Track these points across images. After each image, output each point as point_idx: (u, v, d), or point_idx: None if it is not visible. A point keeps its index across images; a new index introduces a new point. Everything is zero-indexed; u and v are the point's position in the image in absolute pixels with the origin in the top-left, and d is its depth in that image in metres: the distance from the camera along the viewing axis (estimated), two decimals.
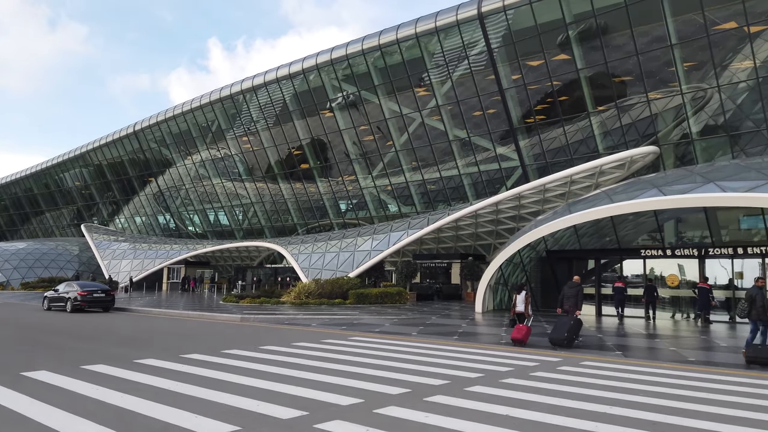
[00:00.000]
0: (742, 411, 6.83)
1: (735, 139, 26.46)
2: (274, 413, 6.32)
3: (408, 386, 7.90)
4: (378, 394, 7.43)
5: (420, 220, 32.45)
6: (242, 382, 8.02)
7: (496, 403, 6.97)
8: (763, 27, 24.89)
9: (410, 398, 7.19)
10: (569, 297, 14.14)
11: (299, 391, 7.47)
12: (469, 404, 6.90)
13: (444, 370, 9.25)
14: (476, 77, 32.66)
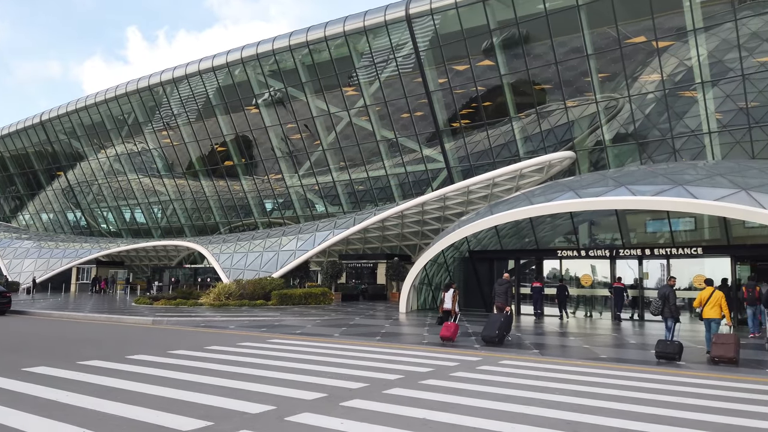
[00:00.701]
0: (653, 408, 7.02)
1: (643, 146, 28.04)
2: (174, 424, 5.81)
3: (324, 390, 7.58)
4: (292, 399, 7.06)
5: (346, 220, 32.17)
6: (142, 390, 7.40)
7: (414, 406, 6.79)
8: (669, 42, 26.54)
9: (326, 403, 6.88)
10: (500, 294, 14.38)
11: (206, 399, 6.97)
12: (386, 408, 6.68)
13: (364, 373, 9.00)
14: (404, 79, 32.81)
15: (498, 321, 13.21)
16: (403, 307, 22.75)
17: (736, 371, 9.96)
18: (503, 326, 13.16)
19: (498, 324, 13.10)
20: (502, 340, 13.11)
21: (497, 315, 13.66)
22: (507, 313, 13.85)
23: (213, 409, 6.51)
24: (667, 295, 12.27)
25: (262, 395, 7.26)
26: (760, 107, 24.97)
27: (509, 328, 13.50)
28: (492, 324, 13.22)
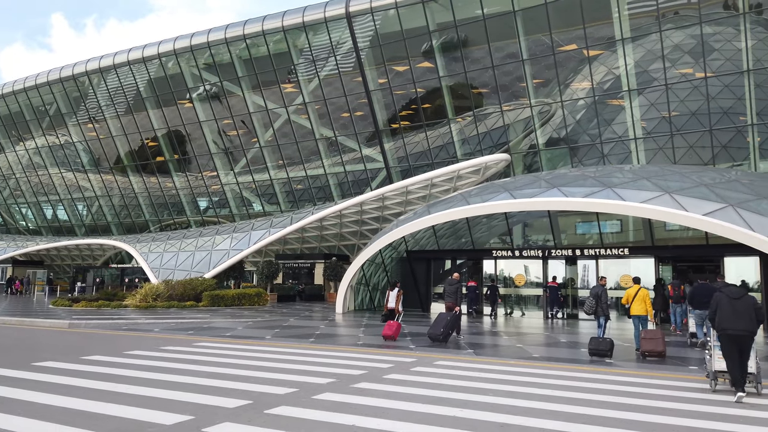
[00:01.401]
0: (585, 408, 7.02)
1: (574, 151, 28.96)
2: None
3: (249, 397, 7.14)
4: (212, 408, 6.59)
5: (283, 219, 31.47)
6: (46, 401, 6.70)
7: (343, 412, 6.49)
8: (599, 51, 27.57)
9: (249, 411, 6.46)
10: (450, 294, 14.56)
11: (116, 410, 6.39)
12: (314, 415, 6.35)
13: (294, 377, 8.61)
14: (344, 77, 32.50)
15: (444, 320, 13.34)
16: (340, 308, 22.42)
17: (664, 369, 10.26)
18: (449, 325, 13.30)
19: (444, 323, 13.23)
20: (447, 338, 13.23)
21: (445, 314, 13.76)
22: (456, 312, 13.98)
23: (123, 421, 5.96)
24: (600, 294, 12.63)
25: (180, 404, 6.75)
26: (681, 116, 26.27)
27: (456, 327, 13.64)
28: (438, 323, 13.35)
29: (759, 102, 24.70)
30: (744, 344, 7.77)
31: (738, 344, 7.72)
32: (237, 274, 31.65)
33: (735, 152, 25.73)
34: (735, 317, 7.74)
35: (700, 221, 15.47)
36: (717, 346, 8.18)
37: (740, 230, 14.74)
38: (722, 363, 8.04)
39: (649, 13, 25.77)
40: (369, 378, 8.64)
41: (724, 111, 25.52)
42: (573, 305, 22.96)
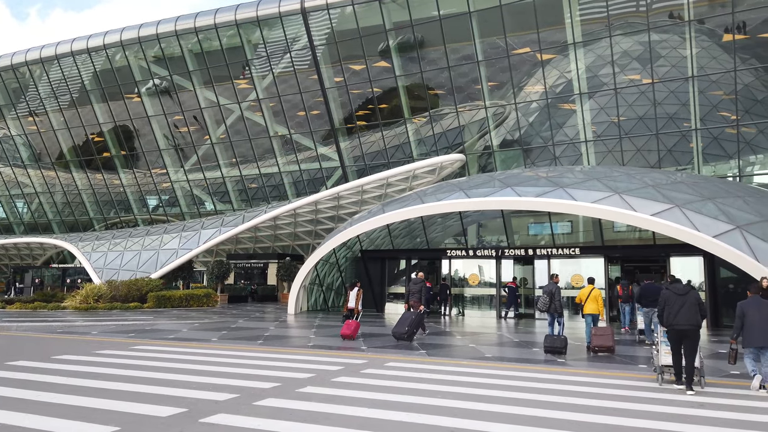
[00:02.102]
0: (535, 409, 6.86)
1: (527, 152, 29.35)
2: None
3: (185, 405, 6.67)
4: (143, 417, 6.10)
5: (235, 218, 30.64)
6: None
7: (285, 419, 6.12)
8: (552, 55, 28.04)
9: (183, 420, 6.01)
10: (414, 293, 14.81)
11: (35, 421, 5.82)
12: (253, 423, 5.95)
13: (237, 382, 8.16)
14: (299, 75, 32.02)
15: (409, 318, 13.58)
16: (292, 309, 21.89)
17: (614, 367, 10.29)
18: (414, 324, 13.56)
19: (409, 321, 13.48)
20: (412, 337, 13.46)
21: (409, 313, 14.01)
22: (420, 311, 14.18)
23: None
24: (554, 292, 12.93)
25: (109, 413, 6.23)
26: (629, 120, 26.96)
27: (420, 325, 13.92)
28: (403, 321, 13.58)
29: (702, 108, 25.55)
30: (691, 337, 8.03)
31: (685, 338, 8.01)
32: (186, 274, 30.62)
33: (679, 156, 26.54)
34: (682, 312, 8.03)
35: (648, 221, 15.77)
36: (664, 341, 8.40)
37: (686, 230, 15.08)
38: (668, 358, 8.31)
39: (600, 19, 26.33)
40: (316, 382, 8.28)
41: (669, 116, 26.30)
42: (526, 305, 23.19)
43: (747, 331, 8.11)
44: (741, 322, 8.19)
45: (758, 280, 13.85)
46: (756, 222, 15.31)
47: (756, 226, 15.12)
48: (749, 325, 8.09)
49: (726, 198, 16.46)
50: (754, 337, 8.03)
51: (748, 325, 8.10)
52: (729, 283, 18.70)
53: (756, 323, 8.02)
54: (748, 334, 8.09)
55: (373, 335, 14.65)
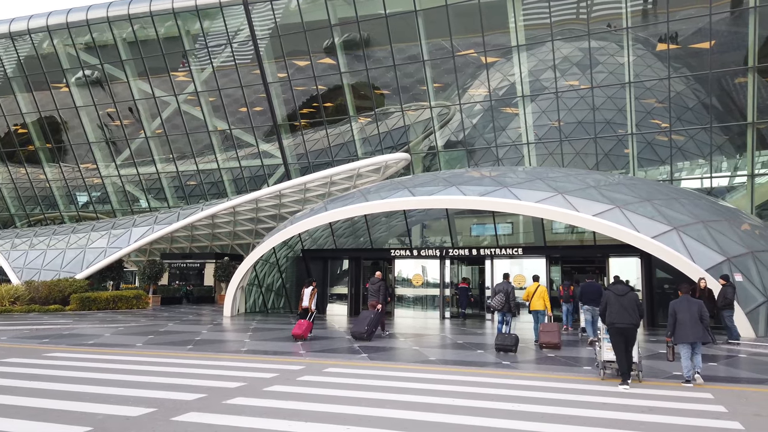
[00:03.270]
0: (476, 418, 6.48)
1: (471, 153, 29.53)
2: None
3: (91, 422, 5.85)
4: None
5: (169, 215, 29.18)
6: None
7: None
8: (496, 58, 28.33)
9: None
10: (373, 292, 14.97)
11: None
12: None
13: (157, 393, 7.37)
14: (241, 69, 31.01)
15: (368, 317, 13.78)
16: (228, 311, 20.87)
17: (560, 369, 10.10)
18: (373, 323, 13.79)
19: (368, 320, 13.68)
20: (372, 336, 13.74)
21: (368, 312, 14.19)
22: (379, 310, 14.35)
23: None
24: (509, 291, 13.10)
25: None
26: (569, 124, 27.53)
27: (379, 324, 14.20)
28: (362, 320, 13.80)
29: (638, 114, 26.35)
30: (630, 335, 8.51)
31: (625, 336, 8.48)
32: (115, 274, 28.90)
33: (616, 160, 27.26)
34: (622, 312, 8.53)
35: (591, 222, 15.86)
36: (606, 338, 8.92)
37: (627, 231, 15.25)
38: (610, 354, 8.84)
39: (543, 25, 26.79)
40: (246, 391, 7.59)
41: (607, 121, 26.98)
42: (469, 305, 23.12)
43: (678, 329, 8.62)
44: (673, 320, 8.70)
45: (690, 280, 14.22)
46: (691, 223, 15.68)
47: (691, 228, 15.48)
48: (680, 323, 8.60)
49: (662, 199, 16.81)
50: (684, 334, 8.54)
51: (679, 323, 8.61)
52: (664, 284, 19.18)
53: (686, 321, 8.55)
54: (680, 331, 8.60)
55: (313, 338, 14.00)
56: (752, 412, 6.56)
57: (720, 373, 9.83)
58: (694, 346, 8.60)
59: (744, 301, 14.10)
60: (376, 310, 14.17)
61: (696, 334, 8.48)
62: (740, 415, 6.42)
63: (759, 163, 24.83)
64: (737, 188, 25.41)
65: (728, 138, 25.90)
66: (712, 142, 25.47)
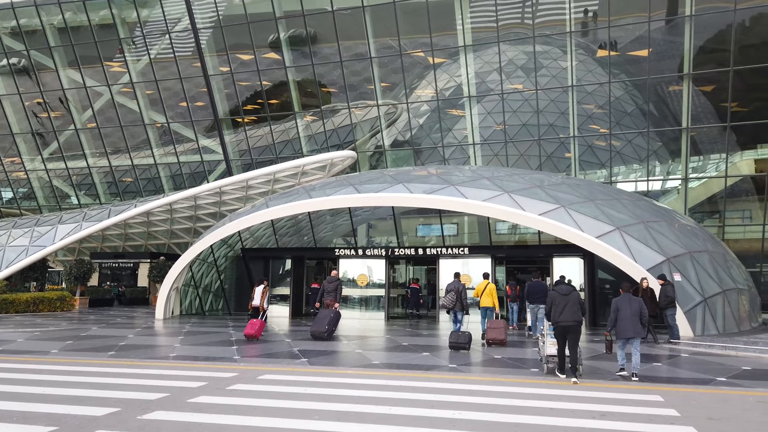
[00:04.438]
0: (415, 429, 5.99)
1: (418, 153, 29.40)
2: None
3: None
4: None
5: (100, 212, 27.47)
6: None
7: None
8: (443, 59, 28.37)
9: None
10: (329, 291, 14.83)
11: None
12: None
13: (64, 408, 6.47)
14: (181, 61, 29.86)
15: (328, 317, 13.72)
16: (161, 313, 19.62)
17: (506, 372, 9.77)
18: (333, 322, 13.74)
19: (328, 319, 13.62)
20: (332, 335, 13.75)
21: (327, 311, 14.10)
22: (336, 309, 14.32)
23: None
24: (461, 290, 13.31)
25: None
26: (513, 126, 27.80)
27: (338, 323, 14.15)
28: (321, 320, 13.69)
29: (579, 117, 26.87)
30: (573, 332, 8.89)
31: (569, 333, 8.89)
32: (38, 275, 26.93)
33: (558, 162, 27.71)
34: (566, 310, 8.94)
35: (537, 221, 15.76)
36: (550, 334, 9.35)
37: (572, 230, 15.22)
38: (553, 349, 9.26)
39: (489, 27, 26.98)
40: (167, 404, 6.80)
41: (550, 124, 27.39)
42: (414, 305, 22.82)
43: (619, 324, 9.13)
44: (615, 316, 9.21)
45: (632, 279, 14.34)
46: (633, 224, 15.84)
47: (633, 228, 15.63)
48: (621, 319, 9.11)
49: (604, 200, 16.94)
50: (624, 329, 9.06)
51: (620, 319, 9.12)
52: (605, 284, 19.42)
53: (626, 317, 9.06)
54: (620, 327, 9.12)
55: (249, 342, 13.20)
56: (704, 416, 6.37)
57: (666, 373, 9.79)
58: (632, 342, 9.11)
59: (682, 301, 14.31)
60: (334, 310, 14.12)
61: (635, 329, 9.01)
62: (693, 419, 6.21)
63: (691, 168, 25.78)
64: (671, 191, 26.28)
65: (663, 143, 26.75)
66: (648, 147, 26.23)
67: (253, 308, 14.48)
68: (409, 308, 22.17)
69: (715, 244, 18.48)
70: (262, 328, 13.39)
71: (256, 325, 13.25)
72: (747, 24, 24.56)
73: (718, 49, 24.95)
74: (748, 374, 9.27)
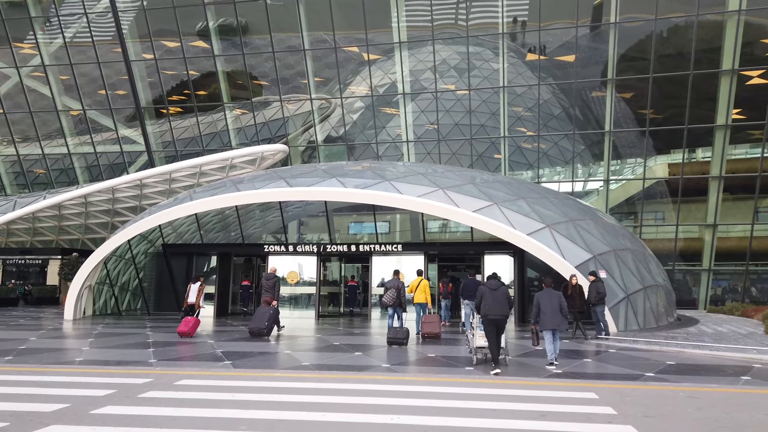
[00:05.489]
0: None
1: (352, 149, 29.08)
2: None
3: None
4: None
5: (5, 203, 25.27)
6: None
7: None
8: (378, 56, 28.22)
9: None
10: (267, 289, 14.79)
11: None
12: None
13: None
14: (100, 45, 28.05)
15: (267, 313, 13.65)
16: (70, 313, 18.07)
17: (441, 371, 9.50)
18: (272, 319, 13.65)
19: (267, 316, 13.56)
20: (270, 332, 13.66)
21: (266, 308, 13.98)
22: (275, 306, 14.28)
23: None
24: (400, 288, 13.52)
25: None
26: (446, 125, 28.02)
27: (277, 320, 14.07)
28: (260, 316, 13.59)
29: (510, 118, 27.42)
30: (500, 325, 9.38)
31: (496, 325, 9.32)
32: None
33: (489, 162, 28.17)
34: (494, 304, 9.34)
35: (471, 218, 15.68)
36: (480, 327, 9.76)
37: (505, 228, 15.25)
38: (482, 341, 9.76)
39: (424, 27, 27.07)
40: (66, 416, 5.98)
41: (481, 124, 27.80)
42: (346, 303, 22.42)
43: (541, 317, 9.73)
44: (537, 309, 9.81)
45: (559, 275, 14.58)
46: (562, 222, 16.11)
47: (561, 226, 15.90)
48: (543, 312, 9.70)
49: (534, 198, 17.16)
50: (546, 321, 9.67)
51: (542, 312, 9.71)
52: (534, 282, 19.75)
53: (547, 311, 9.65)
54: (542, 320, 9.72)
55: (169, 344, 12.29)
56: (640, 413, 6.32)
57: (597, 369, 9.87)
58: (554, 332, 9.71)
59: (607, 297, 14.68)
60: (272, 306, 14.11)
61: (555, 322, 9.63)
62: (630, 417, 6.14)
63: (611, 170, 26.92)
64: (592, 193, 27.32)
65: (587, 146, 27.77)
66: (574, 149, 27.13)
67: (189, 305, 14.34)
68: (347, 306, 22.10)
69: (636, 242, 19.21)
70: (196, 326, 13.32)
71: (190, 322, 13.14)
72: (665, 35, 25.87)
73: (638, 57, 26.15)
74: (673, 369, 9.48)
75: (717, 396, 7.35)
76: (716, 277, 26.39)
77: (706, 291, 25.81)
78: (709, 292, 25.87)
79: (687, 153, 26.00)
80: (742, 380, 8.50)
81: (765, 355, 10.63)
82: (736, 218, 25.84)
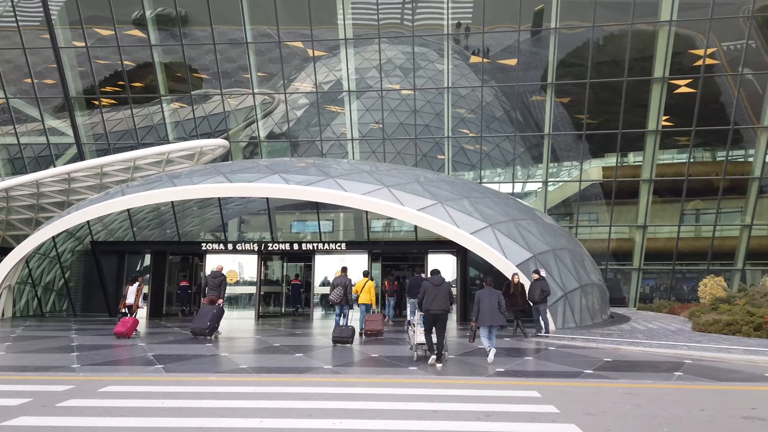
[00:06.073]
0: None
1: (295, 146, 28.63)
2: None
3: None
4: None
5: None
6: None
7: None
8: (323, 53, 27.92)
9: None
10: (213, 287, 14.60)
11: None
12: None
13: None
14: (26, 30, 26.53)
15: (210, 313, 13.40)
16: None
17: (385, 372, 9.32)
18: (215, 318, 13.41)
19: (210, 316, 13.31)
20: (213, 332, 13.39)
21: (209, 307, 13.77)
22: (220, 305, 14.07)
23: None
24: (347, 285, 13.75)
25: None
26: (391, 124, 28.05)
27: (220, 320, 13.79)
28: (203, 316, 13.35)
29: (453, 119, 27.73)
30: (441, 320, 9.61)
31: (437, 320, 9.58)
32: None
33: (433, 161, 28.40)
34: (436, 300, 9.60)
35: (415, 216, 15.62)
36: (420, 323, 9.94)
37: (449, 227, 15.28)
38: (422, 337, 9.95)
39: (370, 25, 27.01)
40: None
41: (426, 124, 27.96)
42: (286, 303, 22.00)
43: (480, 315, 10.05)
44: (478, 307, 10.11)
45: (501, 274, 14.76)
46: (503, 221, 16.32)
47: (503, 225, 16.09)
48: (482, 309, 10.03)
49: (477, 197, 17.32)
50: (485, 318, 10.01)
51: (481, 310, 10.03)
52: (476, 280, 19.97)
53: (486, 308, 10.00)
54: (481, 317, 10.05)
55: (95, 347, 11.54)
56: (582, 411, 6.35)
57: (538, 367, 9.96)
58: (491, 328, 10.12)
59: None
60: (217, 305, 13.91)
61: (494, 319, 10.00)
62: (573, 415, 6.14)
63: (549, 172, 27.70)
64: (530, 194, 28.02)
65: (527, 148, 28.45)
66: (514, 151, 27.72)
67: (126, 306, 14.30)
68: (291, 305, 21.94)
69: (573, 242, 19.75)
70: (135, 326, 13.21)
71: (128, 323, 13.03)
72: (601, 42, 26.82)
73: (576, 63, 27.02)
74: (610, 366, 9.69)
75: (654, 392, 7.52)
76: (645, 276, 27.62)
77: (636, 289, 26.97)
78: (638, 290, 27.06)
79: (620, 157, 27.07)
80: (675, 376, 8.76)
81: (694, 351, 11.06)
82: (664, 220, 27.14)
